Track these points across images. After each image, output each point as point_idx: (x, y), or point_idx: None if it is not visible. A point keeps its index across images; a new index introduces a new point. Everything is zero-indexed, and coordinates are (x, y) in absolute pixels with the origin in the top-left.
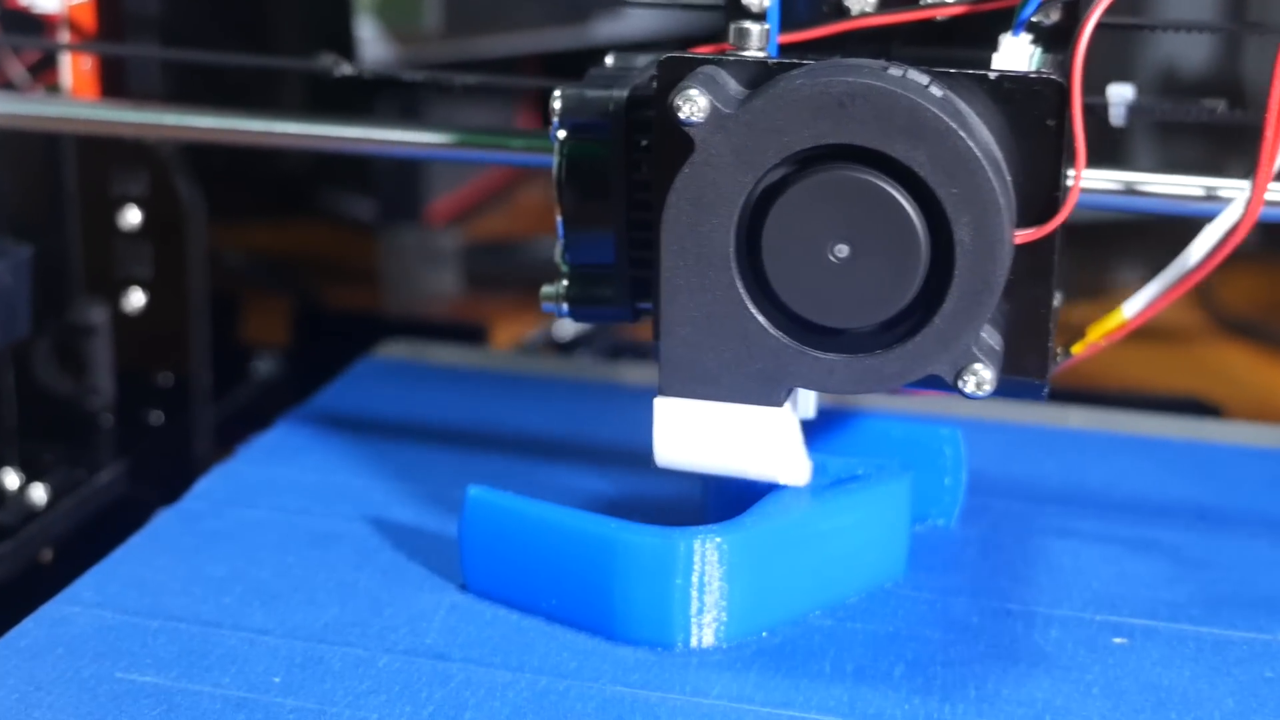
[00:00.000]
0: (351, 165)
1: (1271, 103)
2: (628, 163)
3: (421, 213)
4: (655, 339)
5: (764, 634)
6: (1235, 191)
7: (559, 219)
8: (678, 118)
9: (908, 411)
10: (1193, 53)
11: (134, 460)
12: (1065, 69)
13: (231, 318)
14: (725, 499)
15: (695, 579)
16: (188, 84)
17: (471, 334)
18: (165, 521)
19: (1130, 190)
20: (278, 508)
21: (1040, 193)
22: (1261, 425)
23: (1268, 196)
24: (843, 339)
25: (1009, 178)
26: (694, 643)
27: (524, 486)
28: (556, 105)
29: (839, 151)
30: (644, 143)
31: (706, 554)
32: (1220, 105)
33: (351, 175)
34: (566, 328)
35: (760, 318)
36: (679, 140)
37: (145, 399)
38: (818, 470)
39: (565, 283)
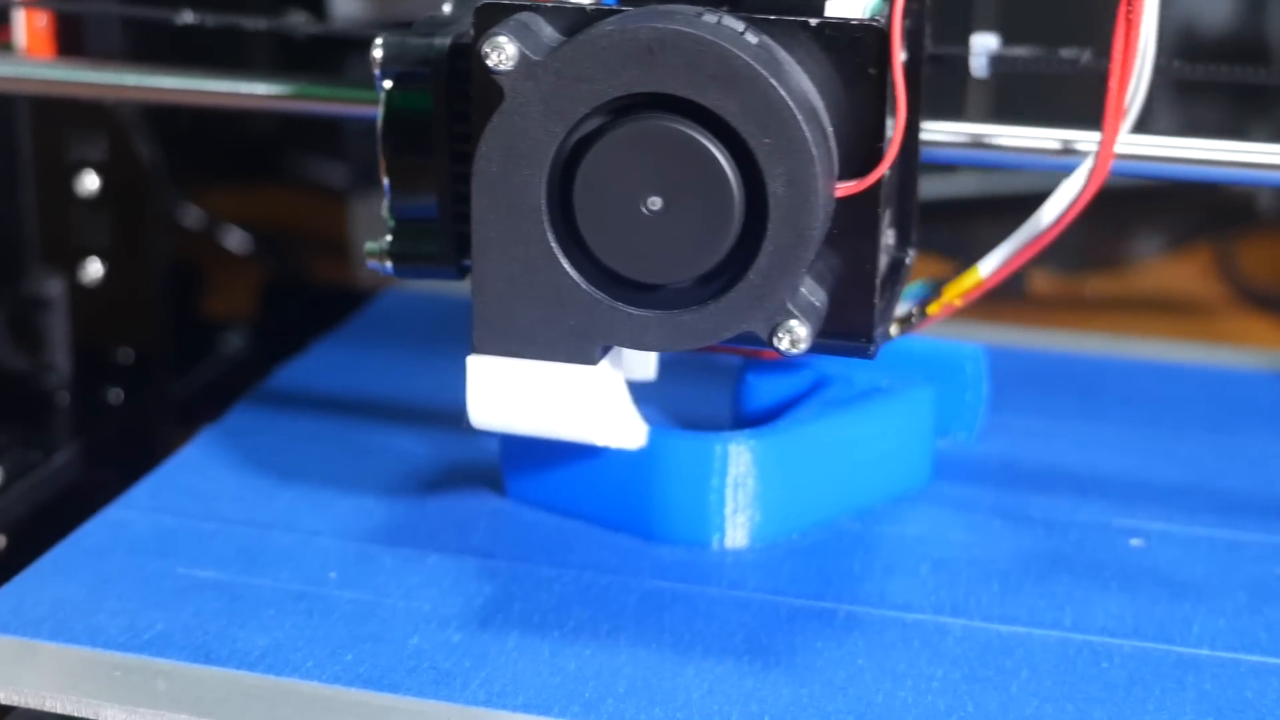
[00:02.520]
0: (322, 128)
1: (1114, 53)
2: (450, 114)
3: None
4: (472, 296)
5: (795, 536)
6: (1091, 145)
7: (382, 174)
8: (486, 65)
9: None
10: (1212, 12)
11: (92, 441)
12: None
13: (195, 290)
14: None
15: (730, 480)
16: (149, 42)
17: None
18: (211, 437)
19: (978, 144)
20: (320, 422)
21: (863, 144)
22: (1276, 351)
23: (1118, 150)
24: (657, 295)
25: (829, 128)
26: (729, 542)
27: None
28: (378, 54)
29: (654, 100)
30: (462, 93)
31: (740, 456)
32: (1085, 55)
33: (322, 139)
34: None
35: (573, 273)
36: (492, 90)
37: (104, 376)
38: (844, 383)
39: (389, 238)
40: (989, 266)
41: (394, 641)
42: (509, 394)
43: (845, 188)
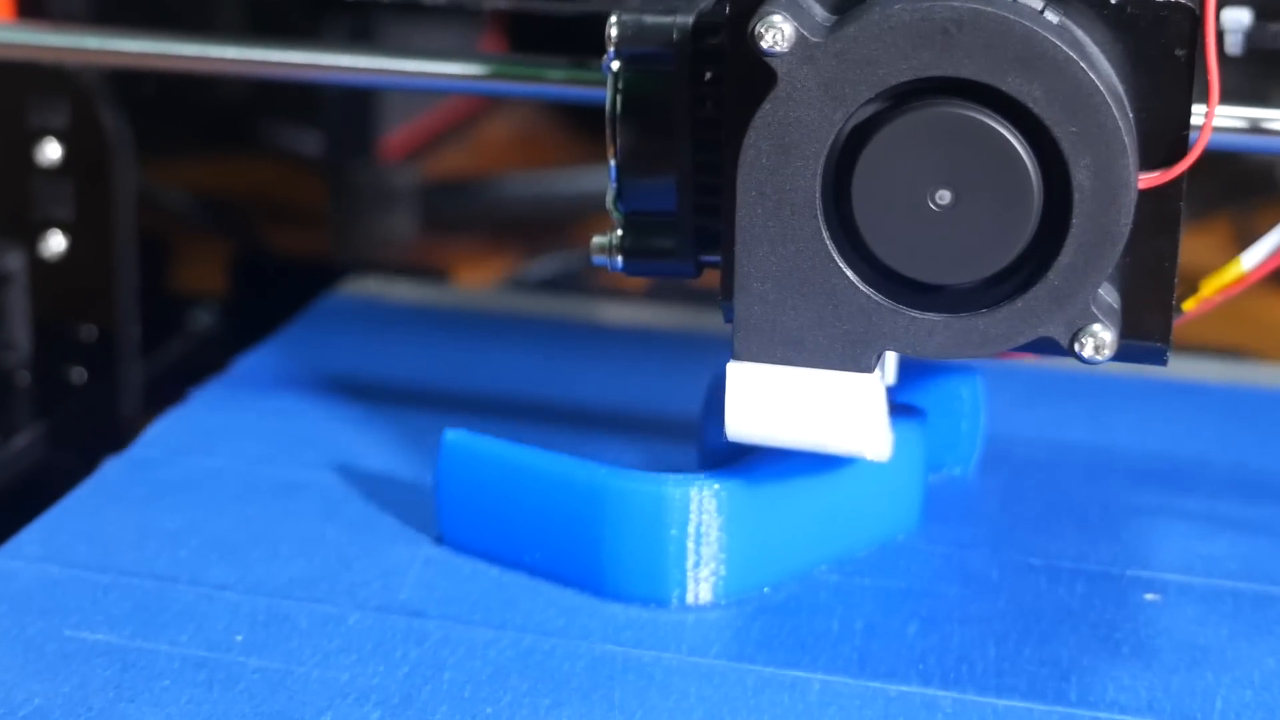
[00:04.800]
0: (296, 94)
1: None
2: (692, 98)
3: (374, 147)
4: (724, 297)
5: (766, 590)
6: None
7: (611, 161)
8: (759, 47)
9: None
10: None
11: (54, 422)
12: None
13: (162, 264)
14: (722, 445)
15: (691, 529)
16: (113, 3)
17: (430, 282)
18: (114, 470)
19: (1257, 129)
20: (236, 455)
21: (1166, 132)
22: None
23: None
24: (943, 297)
25: (1131, 115)
26: (690, 599)
27: (504, 431)
28: (613, 32)
29: (938, 85)
30: (708, 75)
31: (703, 502)
32: None
33: (296, 105)
34: (541, 272)
35: (849, 273)
36: (757, 73)
37: (66, 354)
38: None
39: (619, 232)
40: (1254, 258)
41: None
42: (772, 404)
43: (1149, 179)
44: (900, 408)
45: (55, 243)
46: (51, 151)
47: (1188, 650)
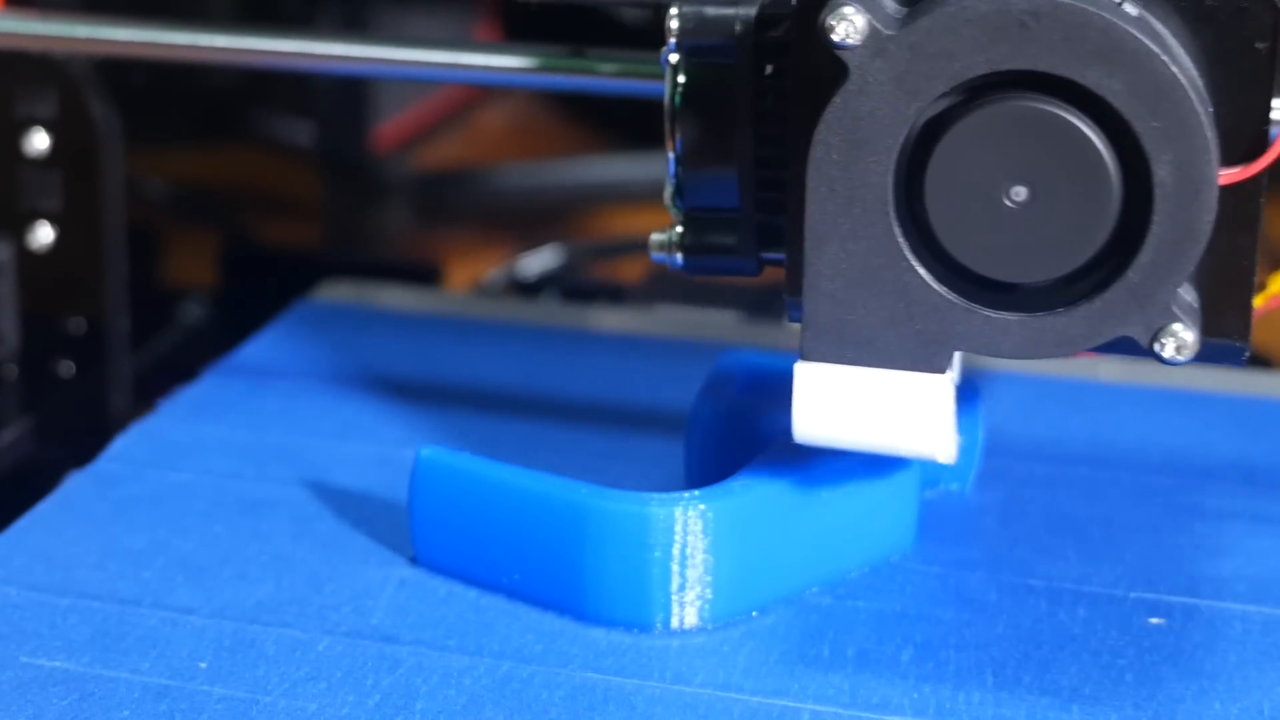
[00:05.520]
0: (288, 84)
1: None
2: (754, 92)
3: (367, 138)
4: (790, 294)
5: (754, 614)
6: None
7: (671, 156)
8: (830, 40)
9: None
10: None
11: (41, 417)
12: None
13: (152, 256)
14: (709, 461)
15: (676, 551)
16: None
17: (423, 275)
18: (77, 486)
19: None
20: (204, 470)
21: (1246, 127)
22: None
23: None
24: (1018, 296)
25: (1210, 109)
26: (675, 623)
27: (482, 447)
28: (674, 24)
29: (1015, 79)
30: (770, 69)
31: (689, 522)
32: None
33: (288, 95)
34: (531, 267)
35: (922, 271)
36: (827, 66)
37: (54, 347)
38: None
39: (679, 229)
40: None
41: None
42: (842, 405)
43: (1229, 174)
44: None
45: (43, 234)
46: (39, 142)
47: (1194, 678)
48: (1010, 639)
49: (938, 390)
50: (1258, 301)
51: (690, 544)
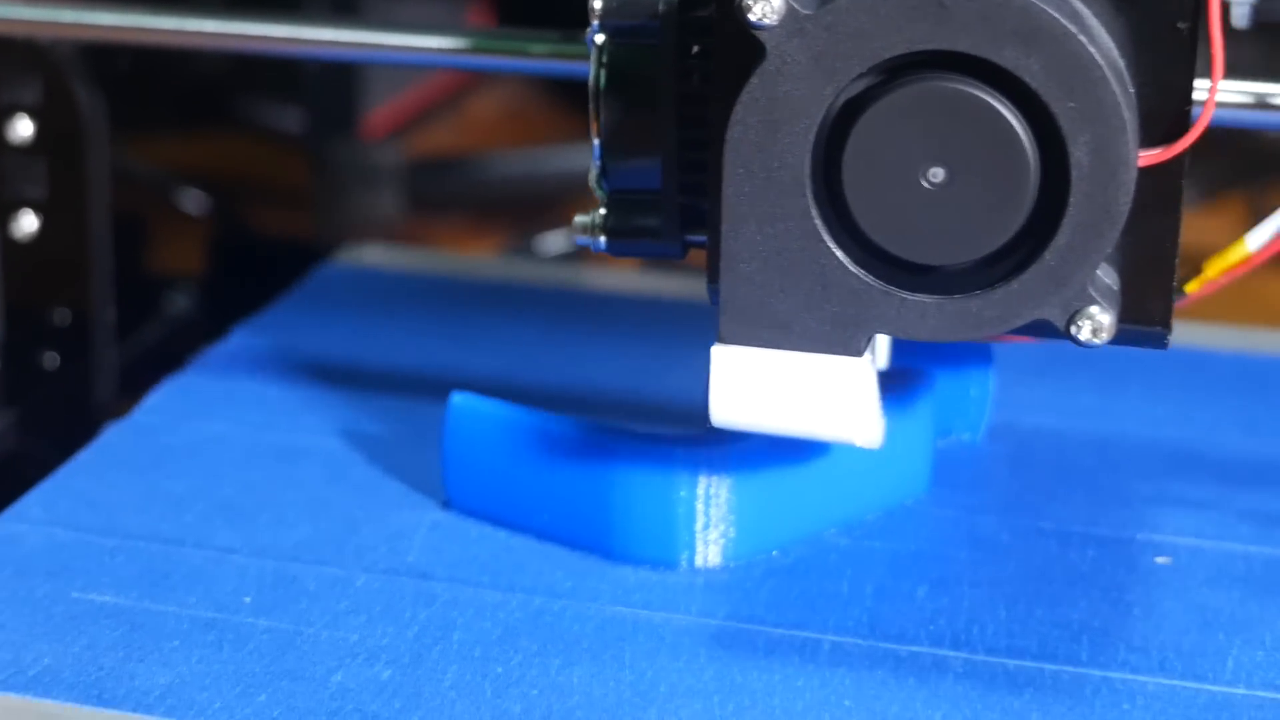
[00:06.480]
0: (277, 69)
1: None
2: (680, 72)
3: (357, 124)
4: (711, 279)
5: (774, 553)
6: None
7: (595, 139)
8: (747, 19)
9: None
10: None
11: (25, 409)
12: None
13: (138, 245)
14: None
15: (700, 491)
16: None
17: (430, 252)
18: (115, 436)
19: (1264, 105)
20: (239, 421)
21: (1168, 108)
22: None
23: None
24: (935, 278)
25: (1131, 90)
26: (699, 561)
27: (509, 396)
28: (596, 4)
29: (932, 59)
30: (695, 49)
31: (713, 464)
32: None
33: (277, 81)
34: (548, 247)
35: (839, 253)
36: (745, 46)
37: (38, 339)
38: None
39: (602, 211)
40: (1260, 239)
41: (315, 679)
42: (759, 388)
43: (1150, 156)
44: (909, 373)
45: (27, 223)
46: (23, 129)
47: (1199, 612)
48: (1022, 577)
49: (856, 373)
50: (1193, 286)
51: (714, 485)
